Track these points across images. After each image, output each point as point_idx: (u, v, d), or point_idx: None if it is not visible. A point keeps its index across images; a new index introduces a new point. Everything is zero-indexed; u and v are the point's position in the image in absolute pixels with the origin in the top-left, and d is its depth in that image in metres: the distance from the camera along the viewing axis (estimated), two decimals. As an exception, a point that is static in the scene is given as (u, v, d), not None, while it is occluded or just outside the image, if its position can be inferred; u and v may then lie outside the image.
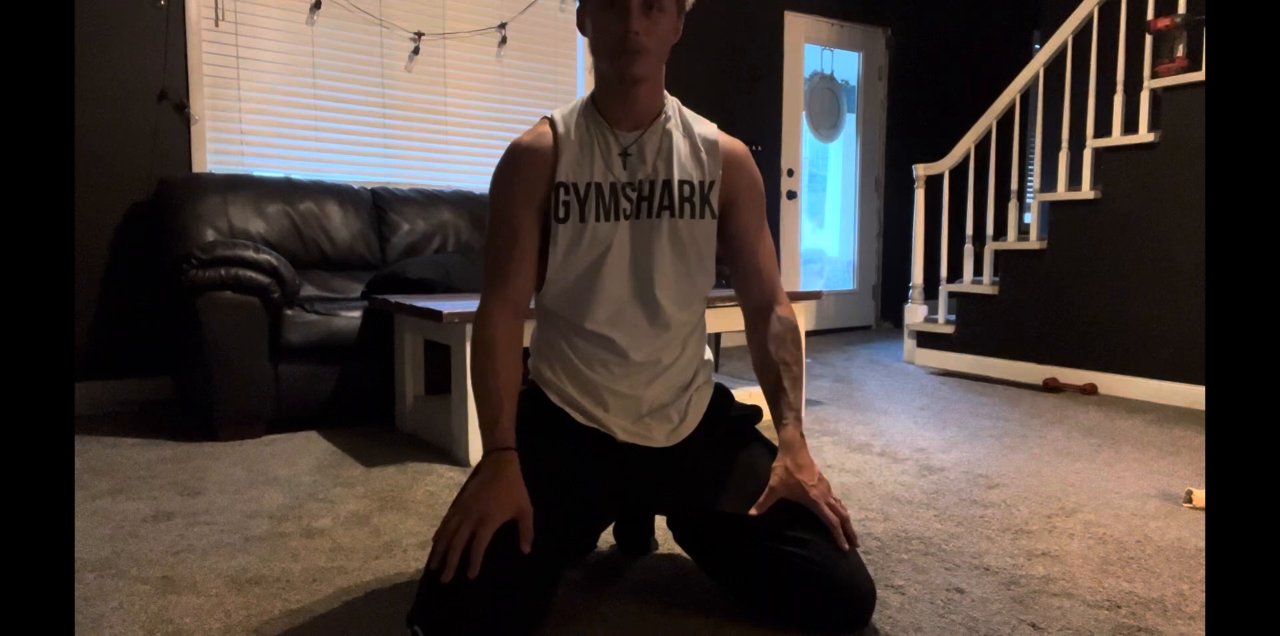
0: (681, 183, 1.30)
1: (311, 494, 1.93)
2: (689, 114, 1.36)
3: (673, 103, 1.34)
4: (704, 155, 1.33)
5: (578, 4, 1.27)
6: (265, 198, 3.01)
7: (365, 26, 3.50)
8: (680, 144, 1.32)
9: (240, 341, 2.41)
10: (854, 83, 5.42)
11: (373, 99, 3.54)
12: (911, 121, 5.62)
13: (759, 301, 1.41)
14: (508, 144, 4.02)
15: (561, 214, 1.26)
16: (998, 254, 3.69)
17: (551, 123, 1.31)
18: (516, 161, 1.28)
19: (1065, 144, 3.54)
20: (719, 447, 1.36)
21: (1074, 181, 3.62)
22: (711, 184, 1.32)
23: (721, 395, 1.44)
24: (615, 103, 1.28)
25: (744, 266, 1.40)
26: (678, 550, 1.58)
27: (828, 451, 2.36)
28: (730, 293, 2.49)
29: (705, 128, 1.36)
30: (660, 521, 1.72)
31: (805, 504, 1.25)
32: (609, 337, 1.30)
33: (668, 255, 1.30)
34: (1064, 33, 3.49)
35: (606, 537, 1.64)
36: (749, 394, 2.77)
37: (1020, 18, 6.01)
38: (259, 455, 2.28)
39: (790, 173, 5.04)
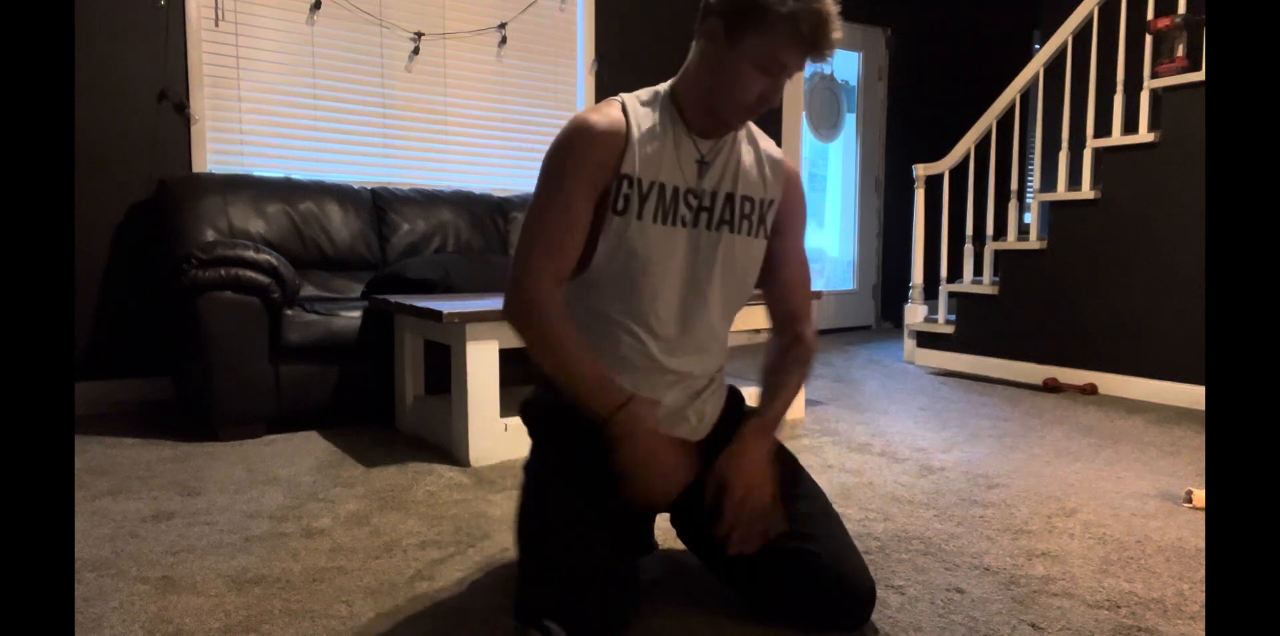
0: (744, 198, 1.29)
1: (311, 494, 1.93)
2: (754, 127, 1.36)
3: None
4: (768, 172, 1.32)
5: (729, 17, 1.16)
6: (265, 198, 3.01)
7: (365, 26, 3.50)
8: (748, 158, 1.31)
9: (240, 341, 2.41)
10: (854, 83, 5.42)
11: (373, 99, 3.54)
12: (911, 121, 5.62)
13: (786, 318, 1.41)
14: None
15: (620, 206, 1.22)
16: (998, 254, 3.69)
17: (624, 109, 1.25)
18: (585, 142, 1.21)
19: (1065, 144, 3.54)
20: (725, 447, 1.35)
21: (1074, 181, 3.63)
22: (770, 203, 1.32)
23: (734, 397, 1.44)
24: (703, 114, 1.24)
25: (781, 283, 1.39)
26: (678, 548, 1.58)
27: (828, 451, 2.36)
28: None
29: (768, 143, 1.35)
30: (660, 521, 1.72)
31: (722, 495, 1.21)
32: (644, 341, 1.26)
33: (719, 270, 1.29)
34: (1064, 33, 3.49)
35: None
36: (748, 394, 2.77)
37: (1020, 18, 6.01)
38: (259, 455, 2.28)
39: (790, 173, 5.04)
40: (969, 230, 3.92)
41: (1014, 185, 3.73)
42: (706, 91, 1.21)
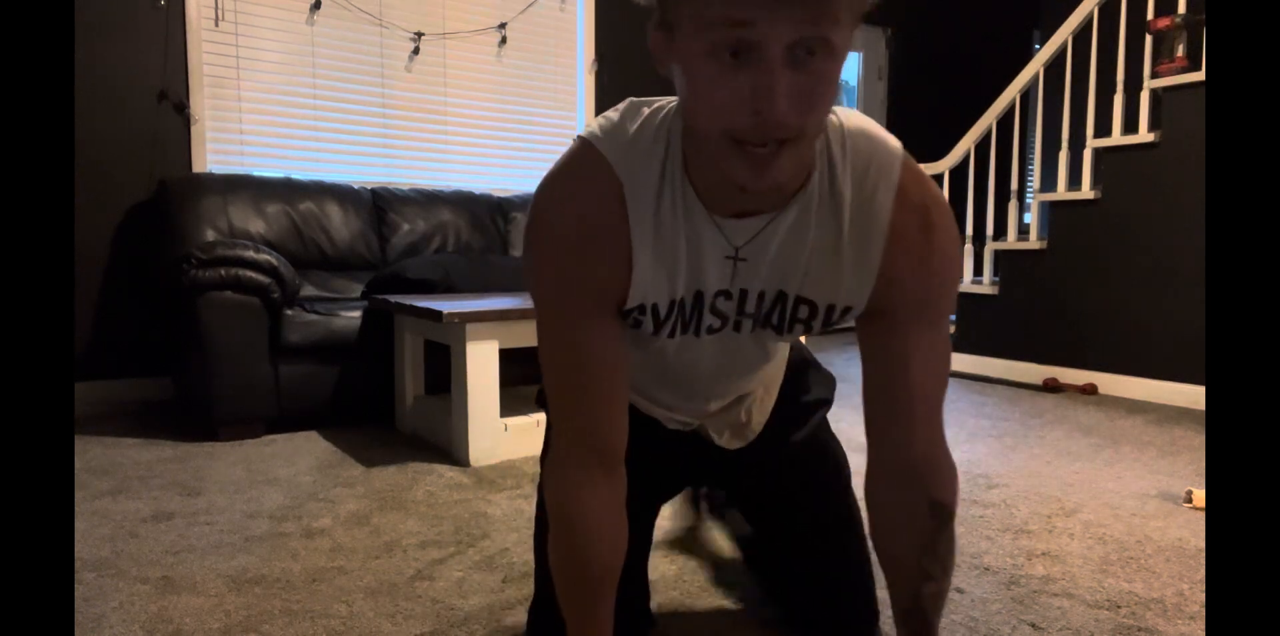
0: (801, 302, 0.87)
1: (311, 494, 1.93)
2: (858, 151, 0.81)
3: (825, 152, 0.81)
4: (849, 262, 0.83)
5: (659, 9, 0.72)
6: (265, 198, 3.01)
7: (365, 26, 3.50)
8: (819, 239, 0.82)
9: (240, 341, 2.41)
10: (854, 83, 5.42)
11: (373, 99, 3.54)
12: (911, 121, 5.62)
13: (897, 458, 0.90)
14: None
15: (630, 323, 0.87)
16: (998, 254, 3.69)
17: (615, 172, 0.81)
18: (573, 250, 0.81)
19: (1065, 144, 3.54)
20: (784, 434, 1.20)
21: (1074, 181, 3.63)
22: (846, 310, 0.87)
23: (796, 373, 1.20)
24: (718, 190, 0.79)
25: (886, 395, 0.89)
26: (677, 549, 1.58)
27: (828, 451, 2.36)
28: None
29: (884, 190, 0.81)
30: (659, 522, 1.72)
31: None
32: (677, 408, 1.09)
33: (759, 353, 1.00)
34: (1064, 33, 3.48)
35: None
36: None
37: (1020, 18, 6.01)
38: (259, 455, 2.28)
39: (790, 173, 5.03)
40: (969, 230, 3.92)
41: (1014, 185, 3.73)
42: (691, 130, 0.76)
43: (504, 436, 2.25)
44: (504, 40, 3.84)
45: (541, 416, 2.33)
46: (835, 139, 0.81)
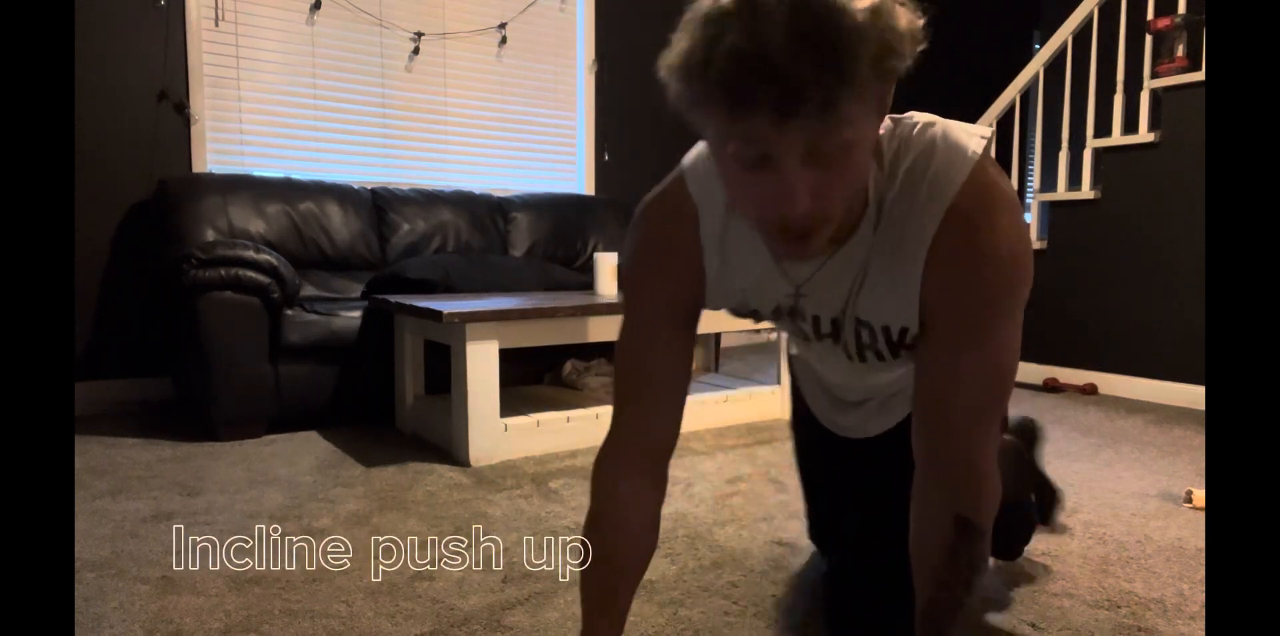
0: (861, 327, 0.92)
1: (311, 494, 1.93)
2: (915, 169, 0.82)
3: (880, 180, 0.83)
4: (907, 284, 0.84)
5: (681, 93, 0.71)
6: (265, 198, 3.01)
7: (365, 26, 3.50)
8: (876, 272, 0.86)
9: (240, 341, 2.41)
10: (854, 83, 5.42)
11: (373, 99, 3.54)
12: (911, 121, 5.61)
13: (930, 469, 0.91)
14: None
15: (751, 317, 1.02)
16: (998, 254, 3.68)
17: (693, 199, 0.91)
18: (653, 255, 0.93)
19: (1065, 144, 3.54)
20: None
21: (1074, 181, 3.62)
22: (903, 331, 0.89)
23: None
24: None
25: (921, 407, 0.90)
26: (676, 549, 1.58)
27: (828, 451, 2.36)
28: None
29: (934, 208, 0.81)
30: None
31: None
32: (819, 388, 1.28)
33: (859, 369, 1.03)
34: (1064, 33, 3.48)
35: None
36: (749, 394, 2.76)
37: (1020, 18, 6.01)
38: (259, 455, 2.28)
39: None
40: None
41: (1014, 185, 3.73)
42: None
43: (504, 436, 2.25)
44: (504, 40, 3.84)
45: (542, 416, 2.33)
46: (893, 158, 0.82)
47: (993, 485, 0.90)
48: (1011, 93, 3.73)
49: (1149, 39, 3.27)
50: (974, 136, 0.83)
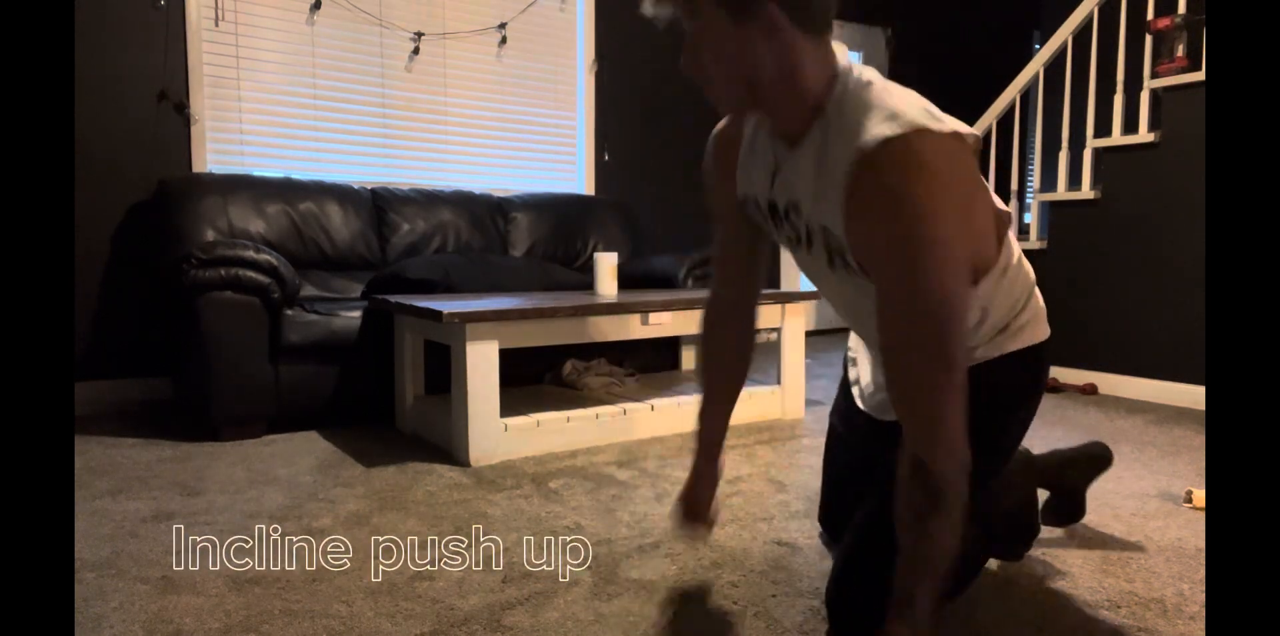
0: (823, 230, 1.04)
1: (311, 494, 1.93)
2: (861, 103, 0.95)
3: (840, 97, 0.98)
4: (826, 178, 0.98)
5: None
6: (265, 198, 3.01)
7: (365, 26, 3.50)
8: (808, 168, 1.02)
9: (240, 341, 2.41)
10: (854, 83, 5.41)
11: (373, 99, 3.54)
12: (911, 121, 5.61)
13: (903, 419, 0.98)
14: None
15: (753, 215, 1.21)
16: (998, 254, 3.68)
17: (740, 119, 1.20)
18: (710, 149, 1.24)
19: (1065, 144, 3.54)
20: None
21: (1074, 181, 3.62)
22: (821, 229, 1.05)
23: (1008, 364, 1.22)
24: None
25: (885, 364, 1.00)
26: (676, 549, 1.58)
27: (828, 451, 2.36)
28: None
29: (865, 133, 0.92)
30: (658, 524, 1.71)
31: None
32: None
33: (846, 284, 1.11)
34: (1064, 33, 3.48)
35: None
36: (749, 394, 2.76)
37: (1020, 18, 6.01)
38: (259, 455, 2.28)
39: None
40: (969, 230, 3.91)
41: (1014, 185, 3.73)
42: None
43: (504, 436, 2.25)
44: (504, 40, 3.84)
45: (542, 416, 2.33)
46: (852, 95, 0.97)
47: (948, 434, 0.93)
48: (1011, 93, 3.73)
49: (1149, 39, 3.27)
50: (926, 114, 0.92)
